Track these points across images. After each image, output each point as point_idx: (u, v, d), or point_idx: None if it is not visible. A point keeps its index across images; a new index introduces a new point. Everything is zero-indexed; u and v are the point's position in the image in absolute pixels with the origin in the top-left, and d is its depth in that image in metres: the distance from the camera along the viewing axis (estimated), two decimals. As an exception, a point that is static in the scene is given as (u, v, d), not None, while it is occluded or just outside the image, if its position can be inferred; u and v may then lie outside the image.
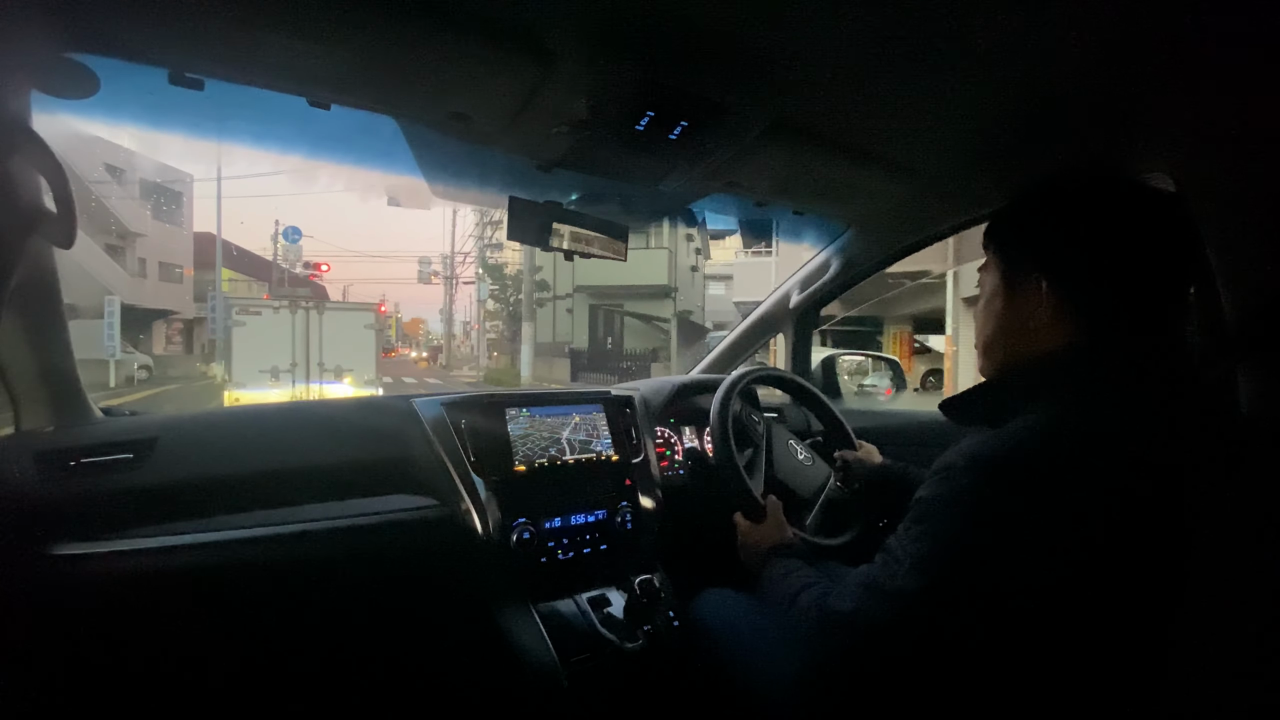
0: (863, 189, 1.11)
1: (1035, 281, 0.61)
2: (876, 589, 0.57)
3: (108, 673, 0.87)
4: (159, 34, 0.66)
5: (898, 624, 0.56)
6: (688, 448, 1.33)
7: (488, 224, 17.48)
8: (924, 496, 0.57)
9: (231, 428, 1.00)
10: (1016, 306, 0.63)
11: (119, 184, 14.68)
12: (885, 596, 0.56)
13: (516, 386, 9.16)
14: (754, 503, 0.98)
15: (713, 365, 1.68)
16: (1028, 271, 0.62)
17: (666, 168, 0.96)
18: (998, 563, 0.53)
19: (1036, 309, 0.61)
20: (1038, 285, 0.61)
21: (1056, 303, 0.60)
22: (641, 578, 1.00)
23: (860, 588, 0.59)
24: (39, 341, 0.85)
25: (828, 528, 1.12)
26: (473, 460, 1.03)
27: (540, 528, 1.04)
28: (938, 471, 0.57)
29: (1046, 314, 0.60)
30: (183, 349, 17.89)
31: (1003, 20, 0.62)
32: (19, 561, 0.78)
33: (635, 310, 13.88)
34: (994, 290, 0.66)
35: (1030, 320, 0.62)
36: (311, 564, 0.94)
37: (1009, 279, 0.64)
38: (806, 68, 0.73)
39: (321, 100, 0.78)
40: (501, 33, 0.67)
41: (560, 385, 10.07)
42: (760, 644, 0.86)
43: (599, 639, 1.00)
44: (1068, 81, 0.72)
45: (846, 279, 1.45)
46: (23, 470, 0.80)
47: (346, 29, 0.65)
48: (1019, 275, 0.63)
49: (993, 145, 0.90)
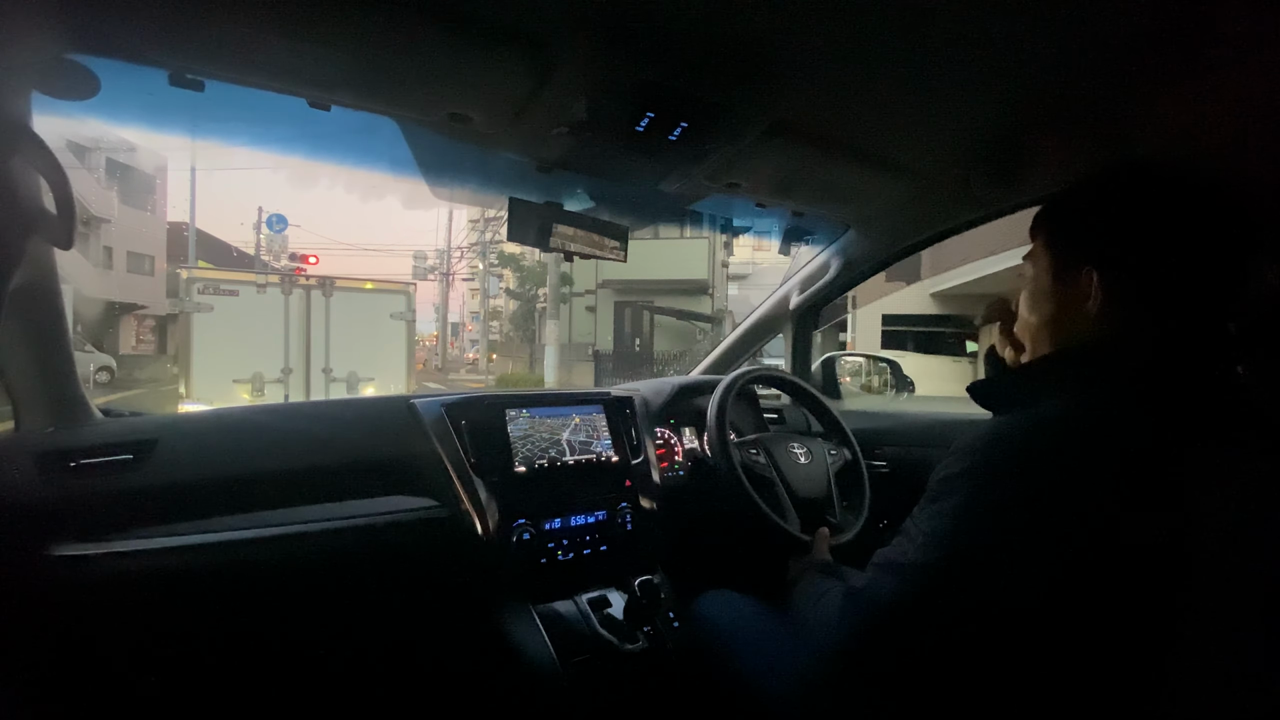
0: (863, 189, 1.11)
1: (1084, 272, 0.60)
2: (891, 566, 0.58)
3: (108, 673, 0.87)
4: (159, 35, 0.66)
5: (912, 599, 0.56)
6: (688, 448, 1.33)
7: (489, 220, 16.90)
8: (941, 475, 0.57)
9: (231, 428, 1.00)
10: (1062, 296, 0.62)
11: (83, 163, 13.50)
12: (900, 571, 0.56)
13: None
14: (799, 541, 1.00)
15: (713, 366, 1.68)
16: (1077, 262, 0.61)
17: (666, 168, 0.96)
18: (1011, 543, 0.53)
19: (1083, 300, 0.60)
20: (1087, 276, 0.60)
21: (1103, 294, 0.59)
22: (641, 579, 1.00)
23: (876, 566, 0.60)
24: (39, 341, 0.85)
25: None
26: (473, 461, 1.03)
27: (540, 529, 1.04)
28: (956, 451, 0.57)
29: (1092, 305, 0.59)
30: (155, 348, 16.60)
31: (1002, 20, 0.62)
32: (19, 561, 0.78)
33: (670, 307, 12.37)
34: (1040, 278, 0.65)
35: (1075, 310, 0.61)
36: (311, 565, 0.94)
37: (1057, 268, 0.63)
38: (806, 68, 0.73)
39: (321, 101, 0.78)
40: (501, 33, 0.67)
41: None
42: (761, 645, 0.86)
43: (599, 640, 1.00)
44: (1068, 81, 0.72)
45: (847, 279, 1.45)
46: (23, 470, 0.80)
47: (347, 30, 0.65)
48: (1067, 265, 0.62)
49: (993, 145, 0.90)
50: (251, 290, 5.23)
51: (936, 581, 0.55)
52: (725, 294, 14.42)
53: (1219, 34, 0.61)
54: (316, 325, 5.41)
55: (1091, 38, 0.64)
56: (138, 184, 15.99)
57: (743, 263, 17.67)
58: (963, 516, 0.54)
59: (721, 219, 1.46)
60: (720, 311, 12.99)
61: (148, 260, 16.36)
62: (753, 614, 0.92)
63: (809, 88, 0.77)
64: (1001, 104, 0.79)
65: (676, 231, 11.46)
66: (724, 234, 14.97)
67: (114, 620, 0.84)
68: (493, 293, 17.36)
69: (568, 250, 1.09)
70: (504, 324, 18.74)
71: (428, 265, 19.50)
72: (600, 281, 12.71)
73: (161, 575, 0.84)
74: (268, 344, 5.21)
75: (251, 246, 15.11)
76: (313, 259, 16.17)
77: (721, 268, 13.78)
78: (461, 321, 24.99)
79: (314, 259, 16.19)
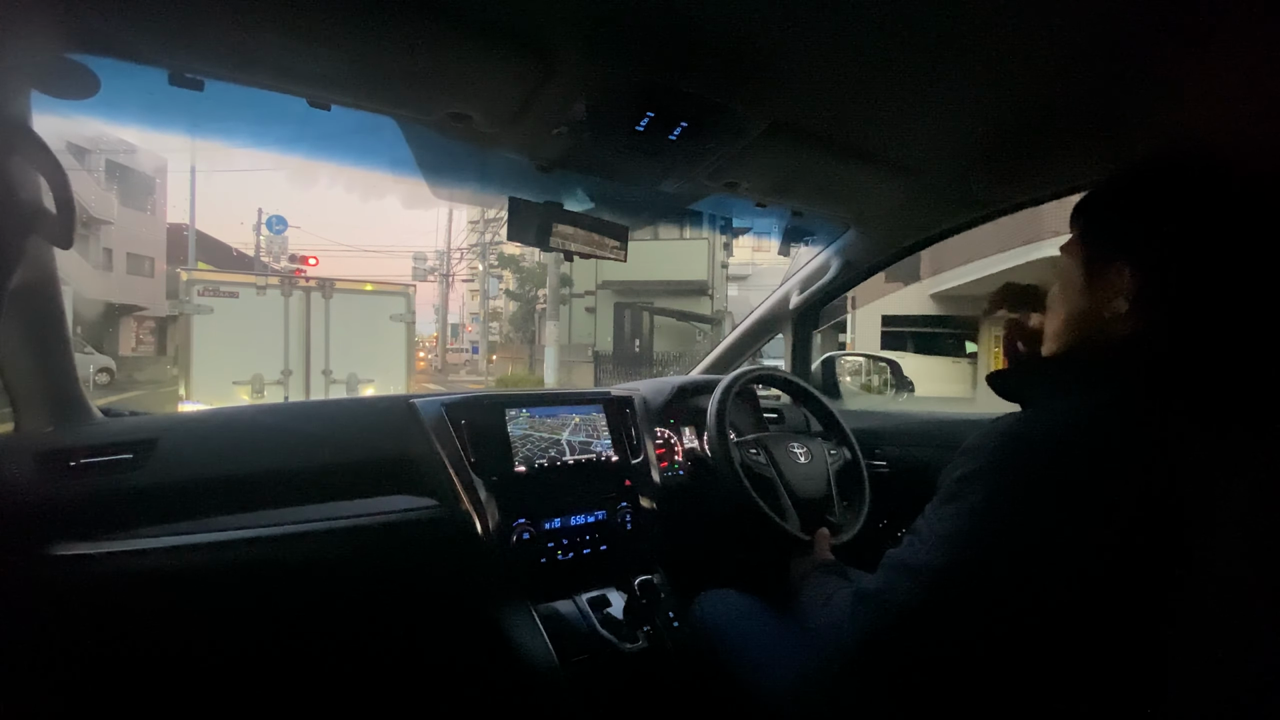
0: (863, 189, 1.11)
1: (1116, 268, 0.58)
2: (903, 567, 0.57)
3: (108, 673, 0.86)
4: (159, 34, 0.66)
5: (924, 601, 0.55)
6: (688, 448, 1.33)
7: (489, 221, 16.89)
8: (958, 475, 0.57)
9: (232, 428, 1.00)
10: (1094, 290, 0.61)
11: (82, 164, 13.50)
12: (912, 573, 0.56)
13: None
14: (800, 541, 1.00)
15: (713, 366, 1.68)
16: (1111, 257, 0.60)
17: (666, 168, 0.96)
18: (1032, 544, 0.52)
19: (1115, 296, 0.58)
20: (1119, 271, 0.58)
21: (1136, 291, 0.57)
22: (641, 578, 1.00)
23: (887, 568, 0.59)
24: (39, 341, 0.85)
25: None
26: (473, 461, 1.03)
27: (540, 528, 1.04)
28: (971, 450, 0.57)
29: (1124, 302, 0.58)
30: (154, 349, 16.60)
31: (1002, 20, 0.62)
32: (19, 561, 0.78)
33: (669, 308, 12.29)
34: (1074, 271, 0.64)
35: (1106, 306, 0.59)
36: (311, 564, 0.94)
37: (1091, 262, 0.62)
38: (806, 68, 0.73)
39: (321, 100, 0.78)
40: (501, 33, 0.67)
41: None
42: (761, 644, 0.86)
43: (599, 640, 1.00)
44: (1068, 81, 0.72)
45: (846, 280, 1.45)
46: (23, 470, 0.80)
47: (347, 29, 0.65)
48: (1102, 260, 0.61)
49: (993, 145, 0.90)
50: (251, 292, 5.24)
51: (952, 584, 0.54)
52: (725, 295, 14.35)
53: (1220, 32, 0.61)
54: (316, 327, 5.42)
55: (1092, 37, 0.64)
56: (137, 185, 15.95)
57: (742, 263, 17.58)
58: (981, 517, 0.54)
59: (721, 219, 1.46)
60: (720, 312, 12.93)
61: (147, 262, 16.33)
62: (753, 613, 0.92)
63: (809, 88, 0.77)
64: (1001, 104, 0.79)
65: (676, 232, 11.42)
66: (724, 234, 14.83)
67: (114, 620, 0.84)
68: (492, 294, 17.27)
69: (567, 250, 1.09)
70: (504, 325, 18.72)
71: (427, 266, 19.36)
72: (600, 282, 12.69)
73: (162, 575, 0.84)
74: (267, 346, 5.22)
75: (251, 248, 15.05)
76: (312, 260, 16.01)
77: (721, 268, 13.71)
78: (461, 323, 24.92)
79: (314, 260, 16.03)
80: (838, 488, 1.17)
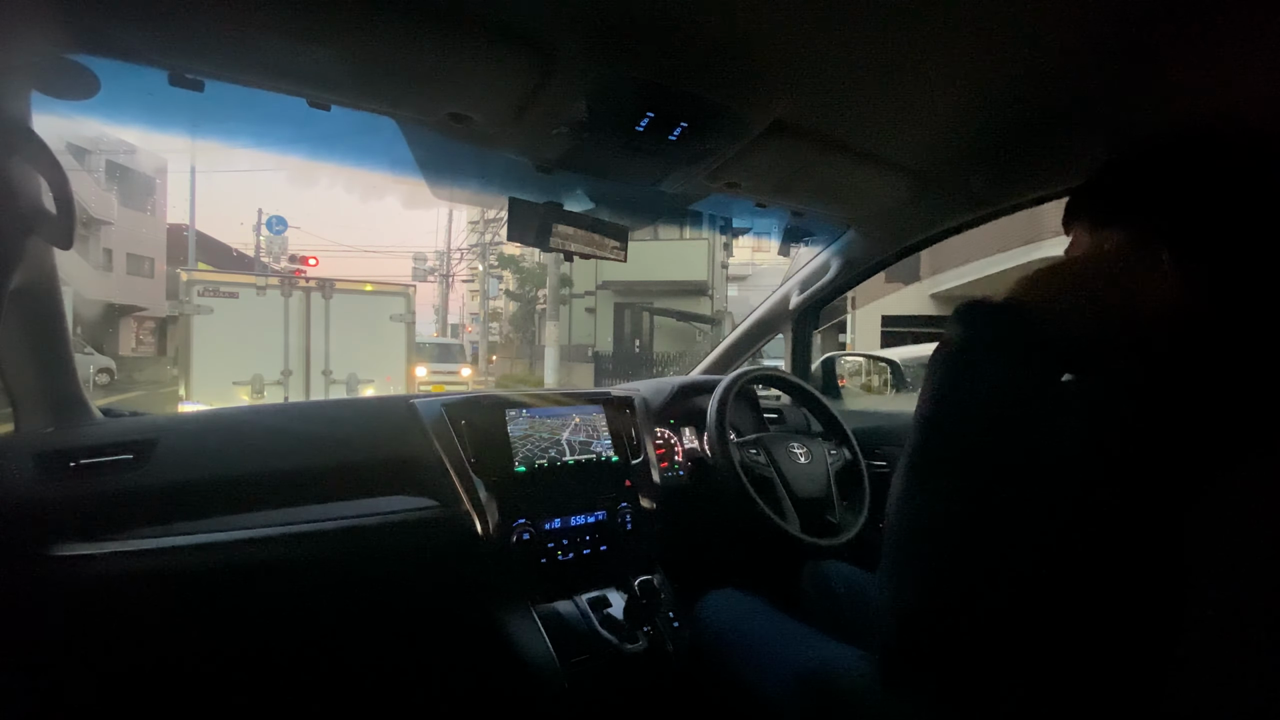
0: (863, 189, 1.11)
1: (1155, 254, 0.55)
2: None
3: (108, 673, 0.86)
4: (159, 35, 0.66)
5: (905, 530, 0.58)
6: (688, 448, 1.33)
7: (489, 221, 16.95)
8: None
9: (232, 429, 1.00)
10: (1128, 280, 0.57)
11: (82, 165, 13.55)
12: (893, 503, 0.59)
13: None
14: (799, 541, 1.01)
15: (713, 366, 1.68)
16: (1148, 243, 0.56)
17: (666, 169, 0.96)
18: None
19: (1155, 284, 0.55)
20: (1158, 257, 0.55)
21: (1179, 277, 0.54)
22: (641, 579, 1.00)
23: None
24: (39, 341, 0.85)
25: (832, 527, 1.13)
26: (473, 461, 1.03)
27: (540, 529, 1.04)
28: None
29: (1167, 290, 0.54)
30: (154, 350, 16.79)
31: (1002, 19, 0.62)
32: (19, 562, 0.78)
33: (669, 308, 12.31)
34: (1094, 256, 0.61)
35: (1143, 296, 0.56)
36: (311, 565, 0.94)
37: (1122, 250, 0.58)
38: (806, 68, 0.73)
39: (321, 101, 0.78)
40: (501, 33, 0.67)
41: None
42: (762, 645, 0.86)
43: (599, 640, 1.00)
44: (1068, 80, 0.72)
45: (846, 280, 1.45)
46: (23, 470, 0.80)
47: (346, 29, 0.65)
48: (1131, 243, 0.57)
49: (993, 145, 0.90)
50: (251, 292, 5.25)
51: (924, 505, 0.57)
52: (725, 295, 14.36)
53: (1220, 29, 0.61)
54: (316, 327, 5.45)
55: (1092, 37, 0.64)
56: (137, 186, 15.99)
57: (742, 264, 17.57)
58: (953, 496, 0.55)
59: (721, 219, 1.46)
60: (720, 312, 12.93)
61: (147, 262, 16.34)
62: (755, 614, 0.92)
63: (809, 88, 0.77)
64: (1002, 104, 0.79)
65: (676, 232, 11.42)
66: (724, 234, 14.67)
67: (114, 621, 0.84)
68: (492, 294, 17.25)
69: (567, 250, 1.09)
70: (504, 325, 18.72)
71: (427, 267, 19.33)
72: (600, 283, 12.69)
73: (162, 575, 0.84)
74: (267, 346, 5.23)
75: (251, 248, 15.04)
76: (312, 261, 15.98)
77: (721, 269, 13.72)
78: (461, 323, 24.91)
79: (314, 261, 16.00)
80: (838, 488, 1.18)
